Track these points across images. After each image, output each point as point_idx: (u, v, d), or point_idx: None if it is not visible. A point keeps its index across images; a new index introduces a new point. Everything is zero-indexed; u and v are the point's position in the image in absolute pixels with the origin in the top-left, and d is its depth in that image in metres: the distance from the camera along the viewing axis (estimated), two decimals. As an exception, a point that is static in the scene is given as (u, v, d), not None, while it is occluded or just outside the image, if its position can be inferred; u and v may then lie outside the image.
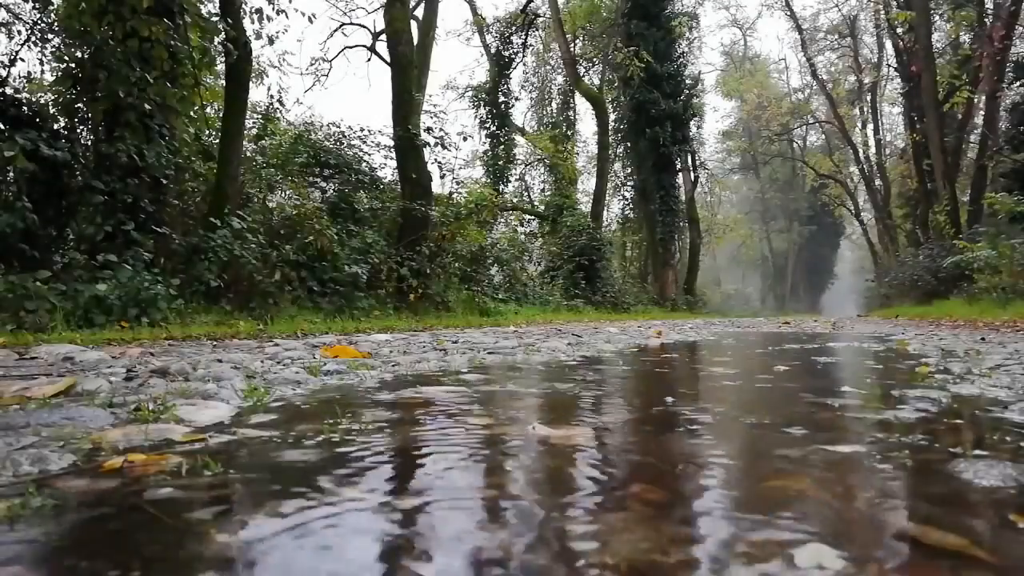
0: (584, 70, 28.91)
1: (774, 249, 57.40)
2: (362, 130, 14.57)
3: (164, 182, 8.04)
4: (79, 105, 7.98)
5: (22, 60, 8.43)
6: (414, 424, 1.62)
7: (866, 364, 3.60)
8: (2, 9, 9.18)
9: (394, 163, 13.51)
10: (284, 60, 27.72)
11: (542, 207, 27.38)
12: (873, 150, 36.68)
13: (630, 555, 0.77)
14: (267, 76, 15.24)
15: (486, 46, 28.89)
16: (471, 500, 1.00)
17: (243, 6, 9.45)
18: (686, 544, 0.81)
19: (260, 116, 14.20)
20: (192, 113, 9.65)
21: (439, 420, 1.68)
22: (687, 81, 28.75)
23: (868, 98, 35.66)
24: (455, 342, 5.28)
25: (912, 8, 22.02)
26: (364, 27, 26.05)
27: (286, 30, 31.15)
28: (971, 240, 16.06)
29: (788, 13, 35.61)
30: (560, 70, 29.49)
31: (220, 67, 10.42)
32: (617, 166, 31.37)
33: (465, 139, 15.68)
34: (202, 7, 9.09)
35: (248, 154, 11.71)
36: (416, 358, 3.61)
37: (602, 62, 28.75)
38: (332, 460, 1.23)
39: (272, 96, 15.49)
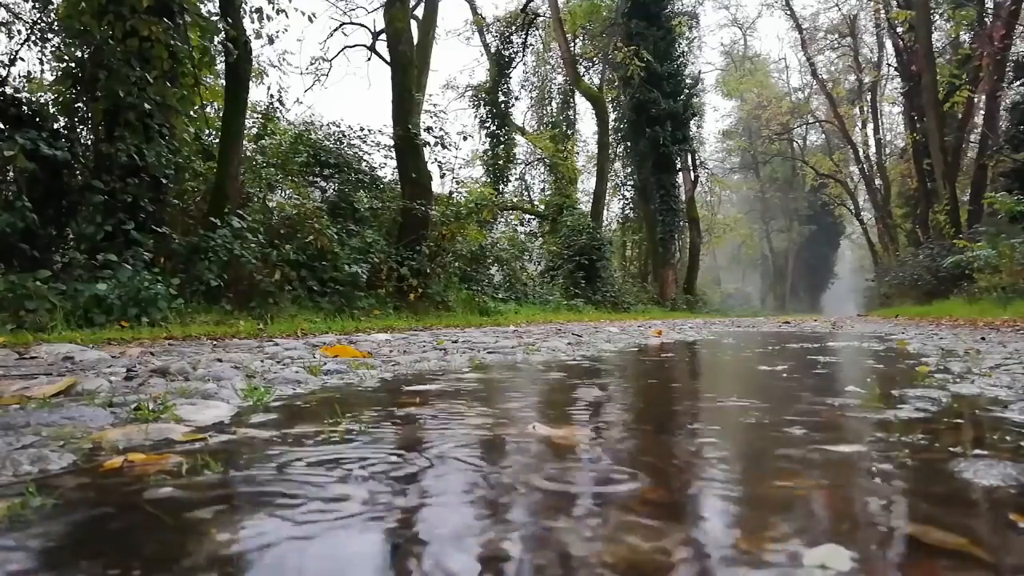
0: (584, 70, 28.90)
1: (774, 249, 57.39)
2: (362, 130, 14.58)
3: (164, 182, 8.03)
4: (79, 105, 7.97)
5: (22, 60, 8.43)
6: (414, 424, 1.62)
7: (866, 364, 3.60)
8: (2, 9, 9.18)
9: (394, 163, 13.52)
10: (284, 60, 27.76)
11: (542, 207, 27.38)
12: (873, 150, 36.72)
13: (630, 554, 0.77)
14: (267, 76, 15.24)
15: (486, 45, 28.87)
16: (471, 500, 1.00)
17: (243, 6, 9.44)
18: (686, 543, 0.81)
19: (260, 116, 14.19)
20: (192, 113, 9.64)
21: (439, 420, 1.68)
22: (687, 81, 28.75)
23: (868, 98, 35.66)
24: (455, 342, 5.29)
25: (912, 8, 22.03)
26: (364, 27, 26.06)
27: (286, 30, 31.18)
28: (971, 240, 16.06)
29: (788, 13, 35.64)
30: (560, 70, 29.45)
31: (220, 67, 10.41)
32: (617, 166, 31.36)
33: (465, 139, 15.70)
34: (202, 7, 9.09)
35: (248, 154, 11.70)
36: (416, 358, 3.62)
37: (602, 62, 28.74)
38: (332, 459, 1.23)
39: (272, 96, 15.46)
